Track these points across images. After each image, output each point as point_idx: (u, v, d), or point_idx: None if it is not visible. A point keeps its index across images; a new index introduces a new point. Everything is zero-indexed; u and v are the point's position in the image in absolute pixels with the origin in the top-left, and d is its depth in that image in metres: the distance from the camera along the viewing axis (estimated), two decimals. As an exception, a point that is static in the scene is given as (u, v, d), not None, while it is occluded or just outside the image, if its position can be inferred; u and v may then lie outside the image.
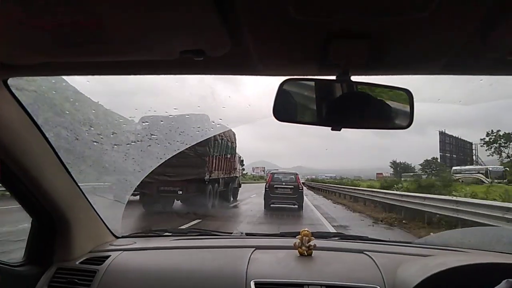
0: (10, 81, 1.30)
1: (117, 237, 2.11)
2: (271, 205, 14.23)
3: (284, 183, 14.80)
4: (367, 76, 1.12)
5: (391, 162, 65.90)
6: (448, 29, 0.89)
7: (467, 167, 41.29)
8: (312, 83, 1.12)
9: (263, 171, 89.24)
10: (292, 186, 14.61)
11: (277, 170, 20.49)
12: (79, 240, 1.82)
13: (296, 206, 14.28)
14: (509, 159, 38.64)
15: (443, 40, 0.95)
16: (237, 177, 18.32)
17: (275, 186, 14.66)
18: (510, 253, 1.82)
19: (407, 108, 1.11)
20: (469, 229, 2.63)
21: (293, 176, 15.35)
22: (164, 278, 1.64)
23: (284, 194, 14.40)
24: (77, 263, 1.75)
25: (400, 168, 63.90)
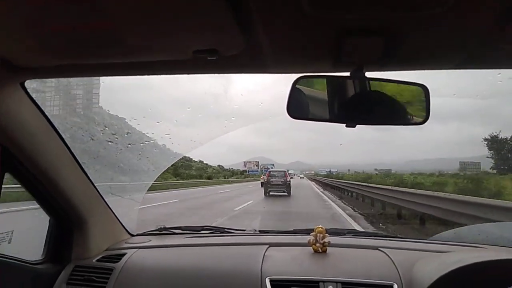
0: (27, 83, 1.33)
1: (132, 235, 2.14)
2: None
3: (277, 178, 21.60)
4: (382, 72, 1.11)
5: (486, 139, 35.26)
6: (465, 23, 0.87)
7: None
8: (326, 80, 1.11)
9: (257, 165, 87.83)
10: (283, 180, 21.34)
11: (273, 168, 28.60)
12: (95, 238, 1.85)
13: (286, 193, 20.43)
14: None
15: (460, 35, 0.93)
16: None
17: (271, 180, 21.44)
18: None
19: (423, 104, 1.09)
20: (486, 225, 2.58)
21: (283, 173, 22.27)
22: (179, 276, 1.65)
23: (277, 185, 21.10)
24: (94, 261, 1.79)
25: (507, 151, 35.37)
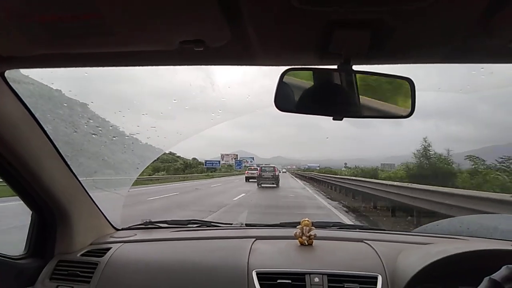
0: (8, 74, 1.29)
1: (117, 229, 2.12)
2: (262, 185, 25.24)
3: (267, 172, 26.96)
4: (368, 65, 1.12)
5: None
6: (450, 17, 0.88)
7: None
8: (314, 73, 1.12)
9: (235, 159, 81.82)
10: (272, 174, 26.69)
11: (265, 164, 32.99)
12: (79, 233, 1.82)
13: (275, 185, 25.34)
14: None
15: (445, 29, 0.95)
16: None
17: (262, 174, 26.79)
18: (508, 240, 1.84)
19: (408, 97, 1.10)
20: (467, 217, 2.65)
21: (272, 168, 27.77)
22: (165, 270, 1.65)
23: (267, 178, 26.19)
24: (78, 255, 1.76)
25: None
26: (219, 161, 69.31)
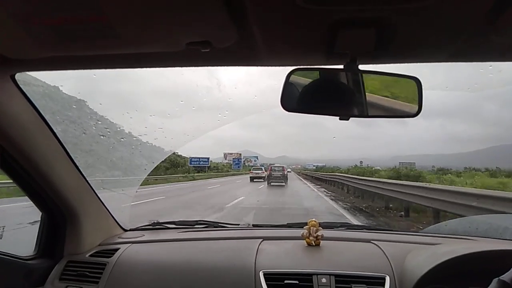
0: (18, 76, 1.31)
1: (126, 230, 2.13)
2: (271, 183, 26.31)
3: (277, 171, 28.01)
4: (375, 65, 1.11)
5: None
6: (455, 15, 0.87)
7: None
8: (320, 73, 1.11)
9: (239, 158, 75.37)
10: (281, 173, 27.71)
11: (270, 164, 34.68)
12: (88, 233, 1.84)
13: (284, 183, 26.50)
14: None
15: (451, 27, 0.94)
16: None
17: (272, 173, 27.84)
18: None
19: (416, 96, 1.10)
20: (476, 217, 2.63)
21: (281, 168, 28.75)
22: (173, 270, 1.65)
23: (277, 177, 27.22)
24: (87, 256, 1.78)
25: None
26: (208, 158, 53.12)
